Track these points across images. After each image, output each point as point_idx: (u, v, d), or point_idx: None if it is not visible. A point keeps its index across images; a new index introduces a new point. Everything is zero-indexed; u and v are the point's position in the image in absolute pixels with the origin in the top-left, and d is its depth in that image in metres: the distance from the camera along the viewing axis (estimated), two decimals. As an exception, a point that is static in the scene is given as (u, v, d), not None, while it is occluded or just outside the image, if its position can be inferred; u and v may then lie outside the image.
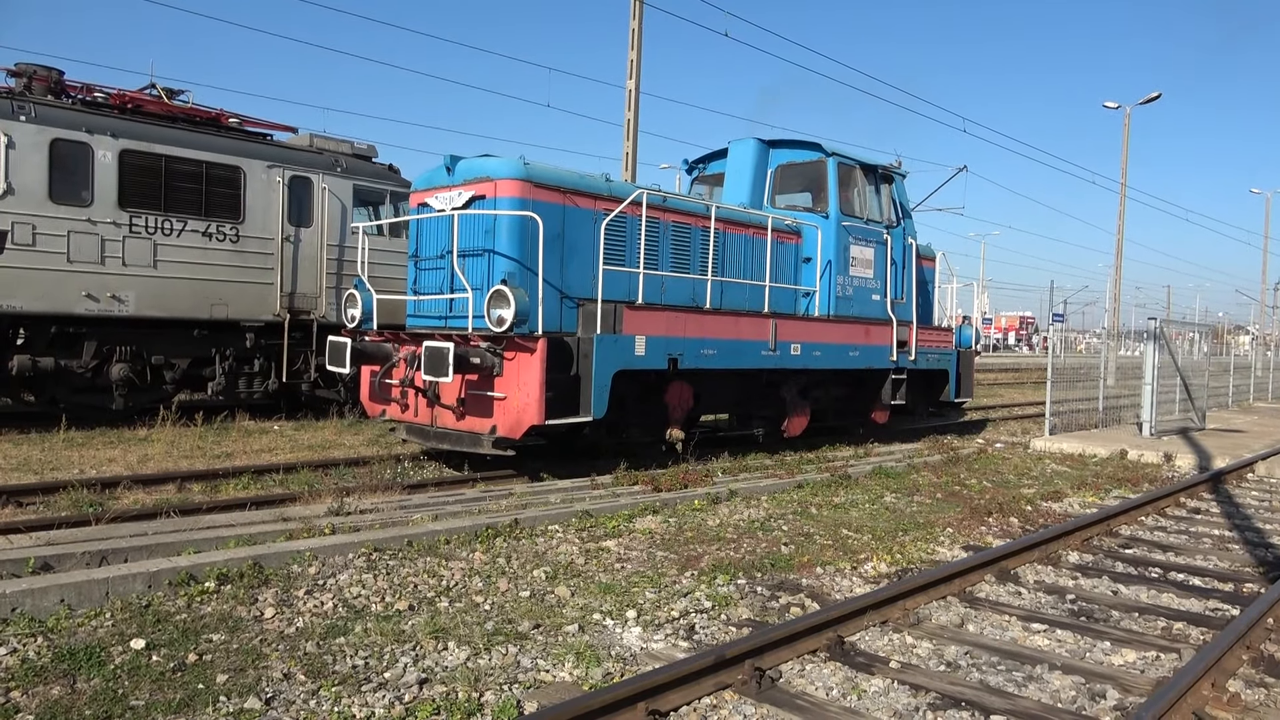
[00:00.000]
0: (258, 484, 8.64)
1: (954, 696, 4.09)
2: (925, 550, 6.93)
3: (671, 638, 4.81)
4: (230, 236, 12.67)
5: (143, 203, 11.85)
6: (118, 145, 11.64)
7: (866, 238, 12.36)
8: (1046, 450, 13.03)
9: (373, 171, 14.51)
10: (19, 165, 10.92)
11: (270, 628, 4.68)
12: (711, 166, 13.10)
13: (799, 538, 7.11)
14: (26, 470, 8.98)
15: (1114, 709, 4.04)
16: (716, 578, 5.85)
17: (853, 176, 12.28)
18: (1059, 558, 6.75)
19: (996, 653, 4.70)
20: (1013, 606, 5.51)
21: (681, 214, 10.41)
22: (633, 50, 16.30)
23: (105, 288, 11.56)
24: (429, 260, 9.52)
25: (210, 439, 11.14)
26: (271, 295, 13.13)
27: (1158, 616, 5.41)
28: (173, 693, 3.88)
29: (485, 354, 8.41)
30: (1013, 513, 8.41)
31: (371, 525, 6.60)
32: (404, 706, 3.82)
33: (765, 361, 10.67)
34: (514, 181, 8.79)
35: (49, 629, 4.50)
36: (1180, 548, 7.29)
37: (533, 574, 5.79)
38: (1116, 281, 33.07)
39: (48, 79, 11.80)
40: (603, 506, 7.68)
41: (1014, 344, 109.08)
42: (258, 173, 12.96)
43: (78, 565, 5.42)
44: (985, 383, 31.96)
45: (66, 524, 6.39)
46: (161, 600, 4.95)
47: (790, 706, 3.92)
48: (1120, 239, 31.97)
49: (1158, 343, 14.64)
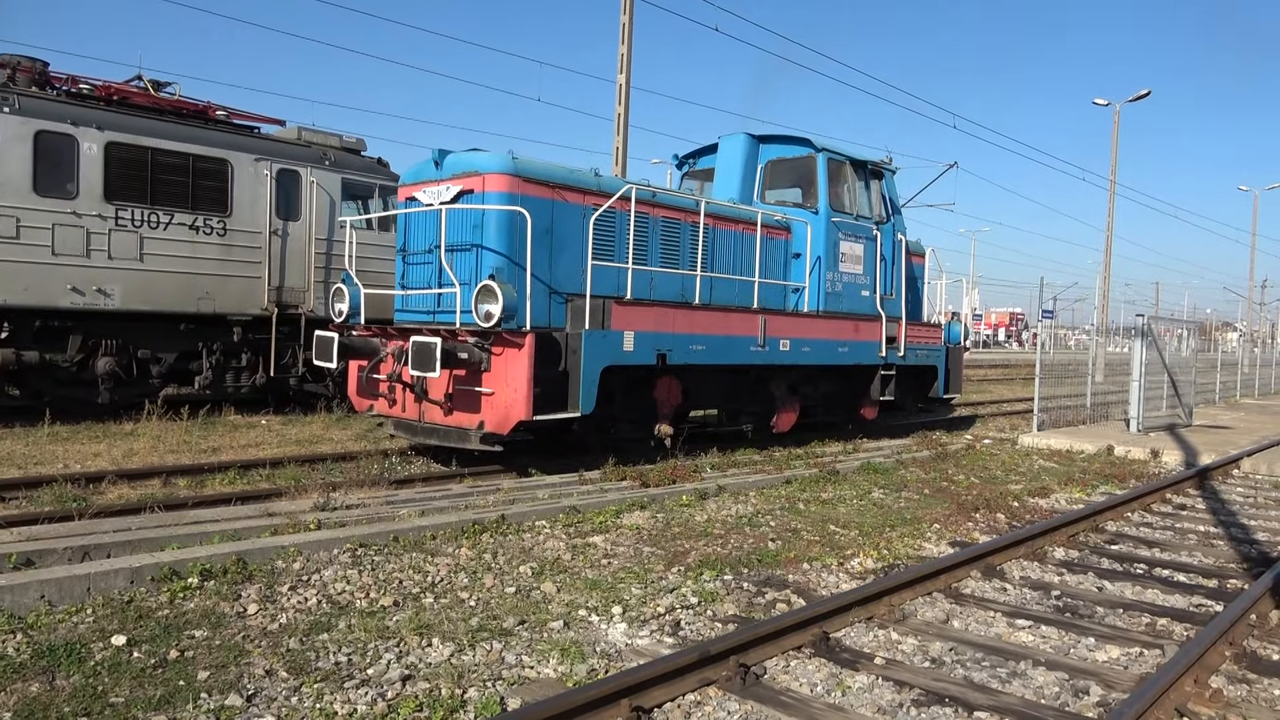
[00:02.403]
0: (244, 479, 8.59)
1: (938, 693, 4.09)
2: (912, 546, 6.94)
3: (657, 634, 4.80)
4: (217, 230, 12.59)
5: (129, 196, 11.76)
6: (103, 138, 11.54)
7: (856, 233, 12.36)
8: (1034, 446, 13.07)
9: (361, 165, 14.44)
10: (3, 157, 10.81)
11: (253, 624, 4.65)
12: (702, 161, 13.08)
13: (786, 533, 7.11)
14: (10, 465, 8.91)
15: (1097, 705, 4.05)
16: (703, 574, 5.84)
17: (842, 172, 12.28)
18: (1045, 554, 6.76)
19: (981, 649, 4.71)
20: (998, 603, 5.52)
21: (671, 209, 10.39)
22: (623, 44, 16.24)
23: (91, 281, 11.47)
24: (417, 255, 9.48)
25: (197, 433, 11.08)
26: (259, 289, 13.05)
27: (1142, 613, 5.43)
28: (153, 689, 3.85)
29: (473, 349, 8.38)
30: (1000, 509, 8.43)
31: (357, 521, 6.57)
32: (386, 703, 3.80)
33: (754, 357, 10.67)
34: (502, 176, 8.75)
35: (29, 625, 4.46)
36: (1166, 544, 7.32)
37: (519, 570, 5.77)
38: (1105, 278, 33.22)
39: (32, 70, 11.69)
40: (590, 502, 7.66)
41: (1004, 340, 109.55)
42: (245, 166, 12.87)
43: (60, 561, 5.39)
44: (975, 379, 32.07)
45: (49, 519, 6.33)
46: (144, 596, 4.92)
47: (774, 703, 3.91)
48: (1109, 236, 32.12)
49: (1145, 339, 14.69)
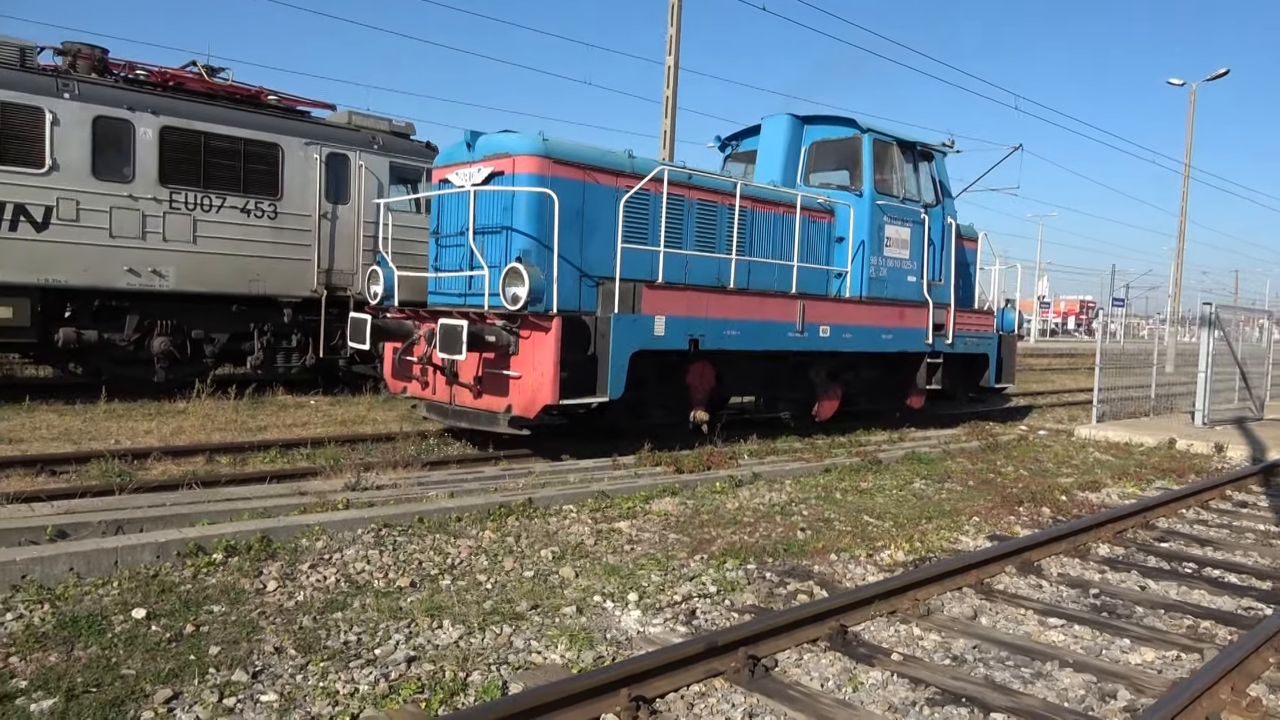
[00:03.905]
0: (284, 458, 8.73)
1: (954, 692, 3.94)
2: (947, 539, 6.73)
3: (670, 622, 4.72)
4: (268, 213, 12.82)
5: (183, 179, 12.04)
6: (158, 122, 11.83)
7: (903, 217, 12.02)
8: (1091, 438, 12.63)
9: (410, 148, 14.55)
10: (63, 142, 11.15)
11: (270, 601, 4.71)
12: (745, 144, 12.83)
13: (818, 523, 6.96)
14: (66, 440, 9.21)
15: (1123, 710, 3.86)
16: (726, 562, 5.74)
17: (889, 153, 11.93)
18: (1087, 550, 6.50)
19: (1007, 647, 4.53)
20: (1031, 600, 5.31)
21: (707, 191, 10.19)
22: (672, 25, 16.05)
23: (146, 263, 11.78)
24: (449, 237, 9.49)
25: (245, 413, 11.32)
26: (309, 271, 13.27)
27: (1184, 614, 5.17)
28: (164, 662, 3.91)
29: (501, 332, 8.36)
30: (1046, 502, 8.14)
31: (385, 501, 6.62)
32: (389, 684, 3.80)
33: (792, 343, 10.45)
34: (532, 158, 8.67)
35: (56, 596, 4.58)
36: (1220, 542, 6.98)
37: (540, 554, 5.74)
38: (1178, 265, 31.96)
39: (91, 57, 12.01)
40: (621, 487, 7.61)
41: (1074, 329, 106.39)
42: (295, 150, 13.07)
43: (94, 534, 5.52)
44: (1038, 368, 31.19)
45: (89, 493, 6.51)
46: (168, 571, 5.01)
47: (781, 697, 3.81)
48: (1183, 221, 30.88)
49: (1213, 328, 14.06)
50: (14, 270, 10.89)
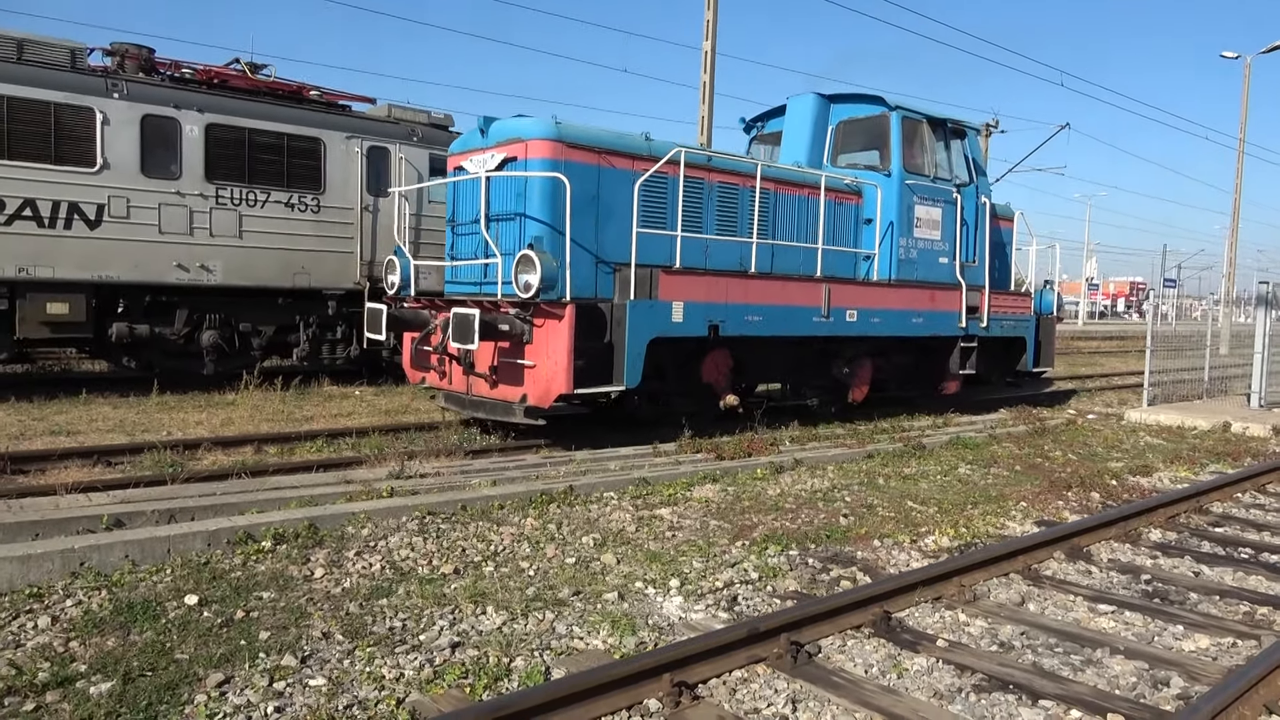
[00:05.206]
0: (330, 447, 8.88)
1: (1002, 679, 3.89)
2: (994, 524, 6.63)
3: (712, 608, 4.72)
4: (311, 207, 13.00)
5: (228, 175, 12.25)
6: (204, 120, 12.04)
7: (934, 197, 11.72)
8: (1142, 422, 12.35)
9: (449, 140, 14.58)
10: (113, 141, 11.41)
11: (318, 587, 4.79)
12: (770, 125, 12.56)
13: (861, 509, 6.91)
14: (121, 431, 9.45)
15: (1177, 698, 3.78)
16: (768, 548, 5.72)
17: (919, 131, 11.61)
18: (1139, 535, 6.37)
19: (1056, 634, 4.46)
20: (1080, 586, 5.22)
21: (728, 174, 9.99)
22: (709, 10, 15.94)
23: (194, 258, 12.03)
24: (465, 225, 9.42)
25: (292, 403, 11.53)
26: (352, 264, 13.44)
27: (1241, 600, 5.04)
28: (216, 647, 4.00)
29: (514, 321, 8.26)
30: (1095, 487, 7.98)
31: (429, 489, 6.70)
32: (433, 669, 3.85)
33: (817, 328, 10.23)
34: (545, 142, 8.53)
35: (113, 583, 4.71)
36: (1277, 527, 6.79)
37: (581, 541, 5.77)
38: (1233, 244, 31.09)
39: (139, 57, 12.25)
40: (662, 474, 7.61)
41: (1123, 311, 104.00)
42: (337, 144, 13.23)
43: (148, 522, 5.66)
44: (1086, 350, 30.57)
45: (143, 483, 6.68)
46: (219, 558, 5.13)
47: (824, 683, 3.79)
48: (1237, 199, 29.99)
49: (1270, 308, 13.64)
50: (70, 267, 11.19)
